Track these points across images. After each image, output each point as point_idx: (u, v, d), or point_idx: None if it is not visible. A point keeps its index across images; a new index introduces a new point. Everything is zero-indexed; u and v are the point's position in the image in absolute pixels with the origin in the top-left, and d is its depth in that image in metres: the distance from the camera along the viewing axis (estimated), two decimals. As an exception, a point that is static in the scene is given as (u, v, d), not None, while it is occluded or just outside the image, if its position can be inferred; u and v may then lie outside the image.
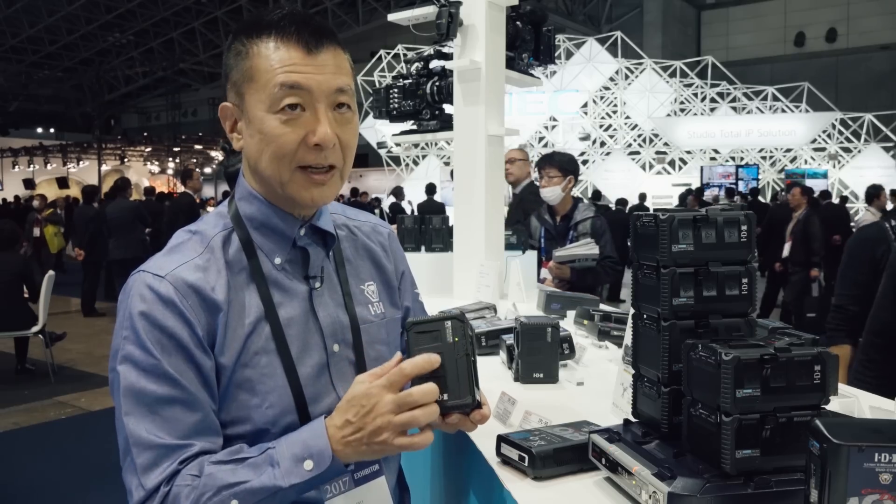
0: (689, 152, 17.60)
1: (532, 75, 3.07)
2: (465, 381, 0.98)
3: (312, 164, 1.03)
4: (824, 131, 16.77)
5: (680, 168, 17.85)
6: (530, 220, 4.05)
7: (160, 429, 0.96)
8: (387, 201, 13.80)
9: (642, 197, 14.07)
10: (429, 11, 2.80)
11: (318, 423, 0.98)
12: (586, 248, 3.55)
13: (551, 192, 3.83)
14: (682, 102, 17.64)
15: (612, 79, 17.34)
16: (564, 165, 3.87)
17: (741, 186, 15.65)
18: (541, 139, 17.95)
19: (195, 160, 27.86)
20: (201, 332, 1.00)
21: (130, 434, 0.96)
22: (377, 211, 12.60)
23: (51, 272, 6.29)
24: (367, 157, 22.70)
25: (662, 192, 15.89)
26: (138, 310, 0.99)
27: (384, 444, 0.94)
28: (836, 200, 13.59)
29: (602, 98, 17.59)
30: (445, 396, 0.97)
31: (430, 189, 11.24)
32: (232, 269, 1.05)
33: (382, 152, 17.55)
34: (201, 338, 1.00)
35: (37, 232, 11.60)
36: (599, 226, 3.87)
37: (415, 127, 3.07)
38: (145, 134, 29.84)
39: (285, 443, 0.97)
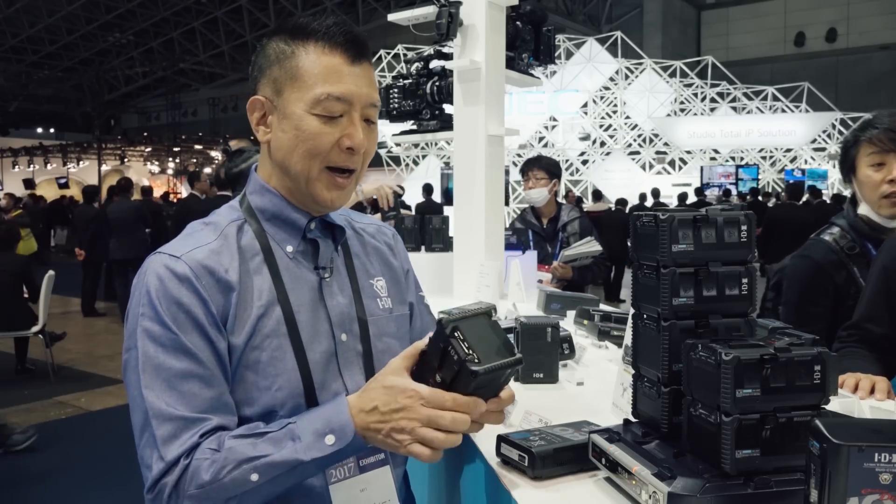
0: (689, 152, 17.60)
1: (532, 75, 3.07)
2: (502, 382, 0.99)
3: (340, 166, 1.09)
4: (824, 131, 16.76)
5: (680, 168, 17.85)
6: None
7: (179, 402, 0.98)
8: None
9: (643, 197, 14.02)
10: (429, 11, 2.80)
11: (341, 400, 0.99)
12: (589, 246, 3.60)
13: (538, 194, 3.95)
14: (682, 102, 17.65)
15: (612, 79, 17.34)
16: (551, 169, 4.02)
17: (741, 187, 15.64)
18: (541, 139, 17.95)
19: (195, 160, 27.86)
20: (216, 312, 1.03)
21: (150, 406, 0.98)
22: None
23: (50, 272, 6.29)
24: (367, 156, 22.65)
25: (662, 192, 15.87)
26: (155, 287, 1.02)
27: (399, 444, 0.95)
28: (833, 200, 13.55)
29: (602, 98, 17.59)
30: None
31: (429, 189, 11.19)
32: (244, 255, 1.09)
33: (382, 152, 17.56)
34: (216, 317, 1.02)
35: None
36: (587, 225, 4.05)
37: (415, 127, 3.07)
38: (145, 134, 29.84)
39: (306, 418, 0.98)
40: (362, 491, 1.08)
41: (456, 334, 0.92)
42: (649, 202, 13.49)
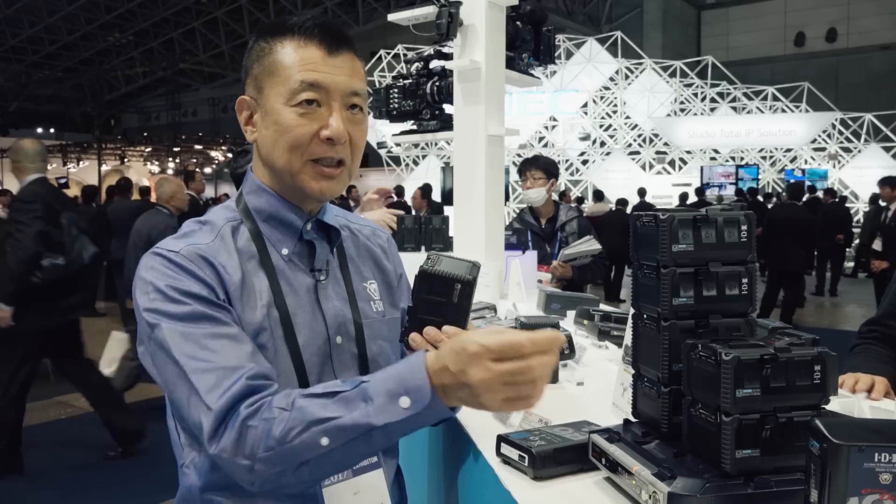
0: (689, 152, 17.59)
1: (532, 75, 3.07)
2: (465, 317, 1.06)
3: (322, 157, 1.08)
4: (824, 131, 16.76)
5: (680, 168, 17.83)
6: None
7: (214, 357, 0.96)
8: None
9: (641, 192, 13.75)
10: (429, 11, 2.80)
11: (417, 357, 0.91)
12: (588, 245, 3.60)
13: (536, 194, 3.95)
14: (682, 102, 17.62)
15: (612, 79, 17.32)
16: (548, 168, 4.01)
17: (741, 186, 15.64)
18: (541, 139, 17.94)
19: (195, 160, 27.85)
20: (221, 296, 1.02)
21: (186, 367, 0.96)
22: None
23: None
24: (367, 157, 22.59)
25: (662, 192, 15.88)
26: (158, 277, 1.01)
27: (491, 405, 0.87)
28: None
29: (602, 98, 17.58)
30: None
31: (426, 189, 11.16)
32: (242, 257, 1.09)
33: (382, 152, 17.54)
34: (221, 299, 1.02)
35: None
36: (585, 224, 4.05)
37: (415, 127, 3.07)
38: (145, 134, 29.80)
39: (380, 376, 0.92)
40: (355, 494, 1.08)
41: (430, 258, 1.05)
42: (649, 199, 13.34)
